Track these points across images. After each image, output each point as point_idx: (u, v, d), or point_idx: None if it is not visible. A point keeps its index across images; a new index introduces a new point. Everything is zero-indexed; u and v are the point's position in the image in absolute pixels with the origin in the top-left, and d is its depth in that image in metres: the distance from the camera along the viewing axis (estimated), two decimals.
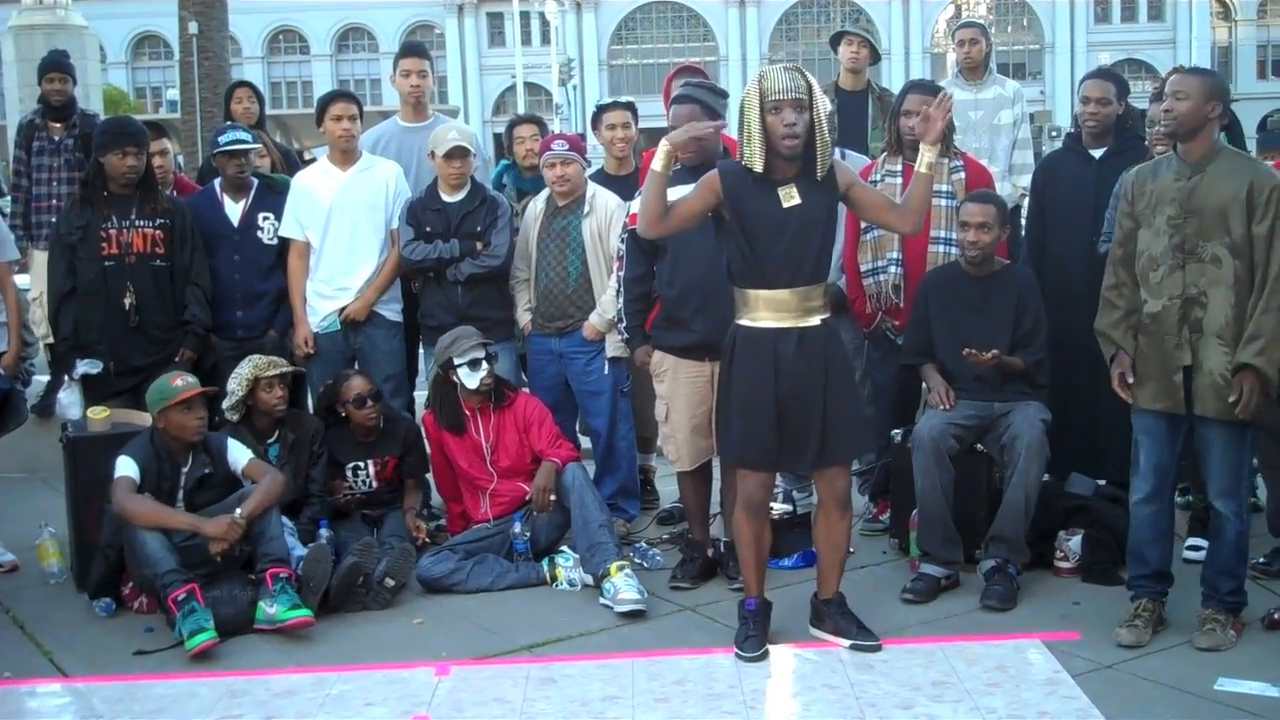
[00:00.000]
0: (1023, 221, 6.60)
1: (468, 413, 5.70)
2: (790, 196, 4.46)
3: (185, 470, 5.21)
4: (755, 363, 4.51)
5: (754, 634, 4.61)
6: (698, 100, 5.19)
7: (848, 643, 4.62)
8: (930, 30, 61.29)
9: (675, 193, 4.62)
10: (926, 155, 4.55)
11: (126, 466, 5.07)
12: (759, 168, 4.42)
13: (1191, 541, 5.48)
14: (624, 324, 5.53)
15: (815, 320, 4.53)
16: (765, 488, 4.72)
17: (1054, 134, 26.53)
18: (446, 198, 6.03)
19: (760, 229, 4.47)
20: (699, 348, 5.18)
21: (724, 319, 4.69)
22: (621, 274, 5.51)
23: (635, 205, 5.34)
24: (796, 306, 4.49)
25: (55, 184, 7.82)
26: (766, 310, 4.50)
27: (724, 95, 5.46)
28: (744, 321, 4.55)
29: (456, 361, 5.58)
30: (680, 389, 5.32)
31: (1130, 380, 4.59)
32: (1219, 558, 4.64)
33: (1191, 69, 4.81)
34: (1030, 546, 5.22)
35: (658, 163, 4.49)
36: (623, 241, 5.51)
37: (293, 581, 4.97)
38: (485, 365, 5.61)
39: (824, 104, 4.47)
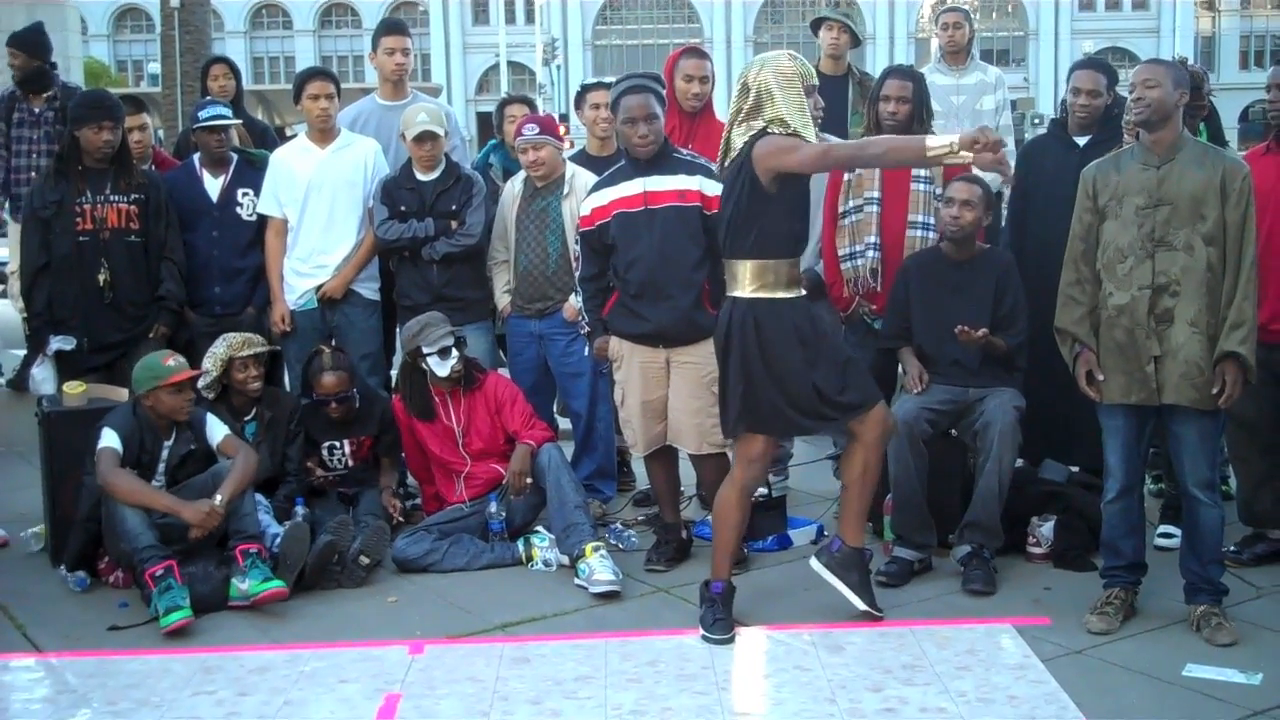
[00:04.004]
0: (1004, 207, 6.62)
1: (437, 398, 5.69)
2: None
3: (168, 444, 5.19)
4: (786, 334, 4.55)
5: (722, 617, 4.62)
6: (650, 90, 5.21)
7: (846, 591, 4.68)
8: (915, 15, 61.25)
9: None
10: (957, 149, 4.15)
11: (110, 438, 5.04)
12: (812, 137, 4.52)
13: (1163, 529, 5.51)
14: (584, 318, 5.54)
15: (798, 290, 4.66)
16: (766, 473, 4.94)
17: (1037, 121, 26.53)
18: (421, 176, 6.01)
19: (806, 196, 4.67)
20: (653, 336, 5.22)
21: (675, 309, 5.08)
22: (579, 273, 5.52)
23: (584, 208, 5.36)
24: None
25: (35, 156, 7.77)
26: (790, 279, 4.59)
27: (664, 85, 5.58)
28: (764, 294, 4.54)
29: (426, 350, 5.56)
30: (634, 375, 5.33)
31: (1100, 377, 4.59)
32: (1206, 548, 4.60)
33: (1157, 60, 4.82)
34: (1003, 532, 5.24)
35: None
36: (577, 243, 5.52)
37: (263, 557, 4.98)
38: (455, 353, 5.58)
39: None
